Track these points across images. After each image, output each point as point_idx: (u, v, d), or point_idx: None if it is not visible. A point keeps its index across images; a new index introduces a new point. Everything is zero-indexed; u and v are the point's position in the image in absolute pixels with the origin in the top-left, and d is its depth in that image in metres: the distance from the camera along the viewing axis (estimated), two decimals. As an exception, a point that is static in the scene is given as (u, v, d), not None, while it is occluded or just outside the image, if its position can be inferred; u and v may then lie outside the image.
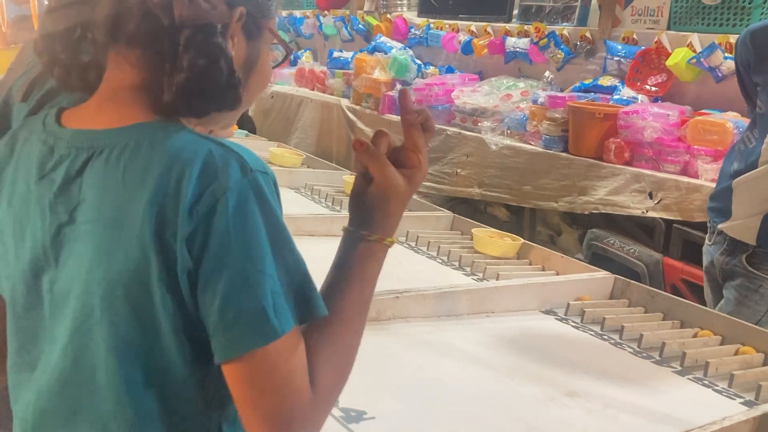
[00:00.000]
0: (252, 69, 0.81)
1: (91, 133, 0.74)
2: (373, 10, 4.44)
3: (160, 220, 0.67)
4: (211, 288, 0.67)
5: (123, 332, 0.70)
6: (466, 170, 3.25)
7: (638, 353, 1.58)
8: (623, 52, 2.99)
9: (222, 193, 0.67)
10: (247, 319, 0.67)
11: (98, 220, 0.71)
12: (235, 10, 0.75)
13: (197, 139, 0.70)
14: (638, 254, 2.62)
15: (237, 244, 0.67)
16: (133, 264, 0.68)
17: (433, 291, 1.64)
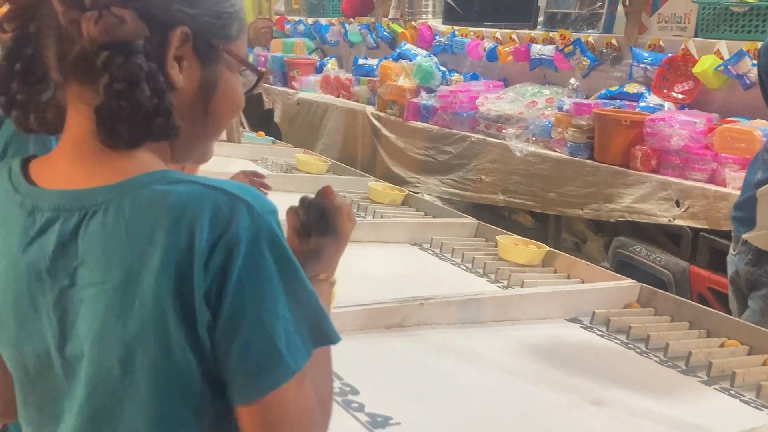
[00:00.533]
0: (212, 93, 0.76)
1: (77, 192, 0.71)
2: (398, 18, 4.46)
3: (177, 277, 0.66)
4: (228, 337, 0.68)
5: (144, 389, 0.70)
6: (491, 177, 3.25)
7: (664, 362, 1.57)
8: (649, 60, 2.98)
9: (234, 243, 0.66)
10: (265, 365, 0.68)
11: (106, 282, 0.68)
12: (174, 30, 0.71)
13: (201, 190, 0.68)
14: (665, 262, 2.60)
15: (251, 293, 0.67)
16: (151, 324, 0.67)
17: (458, 298, 1.65)
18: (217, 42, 0.75)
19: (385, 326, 1.56)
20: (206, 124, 0.78)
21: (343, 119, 4.26)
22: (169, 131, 0.72)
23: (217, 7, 0.75)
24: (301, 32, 5.37)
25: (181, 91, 0.73)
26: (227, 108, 0.79)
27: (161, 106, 0.70)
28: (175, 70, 0.71)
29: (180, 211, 0.67)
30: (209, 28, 0.74)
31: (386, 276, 1.98)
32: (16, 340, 0.76)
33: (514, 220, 3.49)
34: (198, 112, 0.76)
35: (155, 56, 0.70)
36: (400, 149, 3.76)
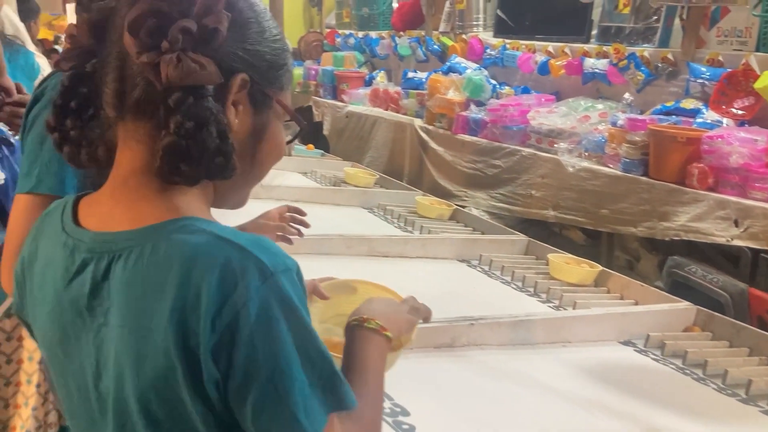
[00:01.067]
0: (260, 139, 0.79)
1: (108, 236, 0.73)
2: (449, 31, 4.45)
3: (183, 330, 0.67)
4: (242, 399, 0.67)
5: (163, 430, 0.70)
6: (541, 192, 3.20)
7: (723, 390, 1.52)
8: (708, 74, 2.90)
9: (243, 303, 0.66)
10: (279, 427, 0.67)
11: (125, 326, 0.70)
12: (235, 77, 0.73)
13: (214, 244, 0.69)
14: (722, 284, 2.51)
15: (263, 355, 0.66)
16: (162, 371, 0.68)
17: (509, 319, 1.63)
18: (270, 91, 0.78)
19: (435, 346, 1.54)
20: (251, 170, 0.80)
21: (391, 132, 4.26)
22: (228, 172, 0.73)
23: (272, 59, 0.78)
24: (352, 45, 5.41)
25: (234, 135, 0.74)
26: (272, 155, 0.81)
27: (223, 147, 0.71)
28: (232, 113, 0.74)
29: (190, 266, 0.67)
30: (264, 77, 0.77)
31: (435, 293, 1.97)
32: (62, 369, 0.79)
33: (565, 236, 3.43)
34: (246, 157, 0.78)
35: (219, 100, 0.72)
36: (447, 162, 3.74)
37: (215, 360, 0.66)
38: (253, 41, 0.76)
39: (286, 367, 0.67)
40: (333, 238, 2.16)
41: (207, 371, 0.67)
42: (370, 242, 2.22)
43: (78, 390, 0.77)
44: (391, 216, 2.72)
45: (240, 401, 0.67)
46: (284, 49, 0.80)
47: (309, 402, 0.68)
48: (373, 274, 2.10)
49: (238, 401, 0.68)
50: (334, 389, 0.71)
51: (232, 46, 0.73)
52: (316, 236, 2.13)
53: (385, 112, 4.42)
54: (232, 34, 0.73)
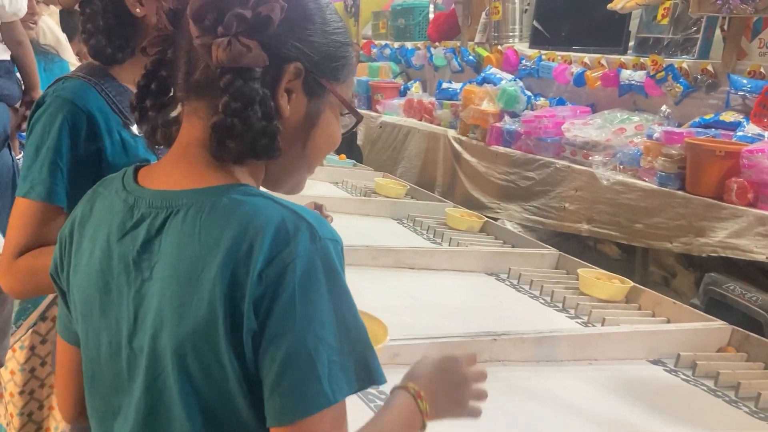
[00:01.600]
0: (312, 127, 0.82)
1: (169, 193, 0.77)
2: (484, 42, 4.43)
3: (232, 281, 0.69)
4: (272, 352, 0.69)
5: (195, 388, 0.72)
6: (575, 205, 3.15)
7: (755, 414, 1.47)
8: (749, 87, 2.82)
9: (291, 259, 0.69)
10: (302, 388, 0.69)
11: (173, 277, 0.73)
12: (289, 65, 0.77)
13: (271, 205, 0.73)
14: (761, 303, 2.43)
15: (300, 311, 0.69)
16: (203, 322, 0.70)
17: (533, 335, 1.59)
18: (326, 82, 0.81)
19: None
20: (303, 155, 0.83)
21: (424, 143, 4.25)
22: (272, 152, 0.77)
23: (329, 50, 0.81)
24: (387, 56, 5.42)
25: (286, 121, 0.78)
26: (324, 143, 0.84)
27: (269, 128, 0.76)
28: (284, 100, 0.78)
29: (248, 220, 0.71)
30: (320, 67, 0.80)
31: (460, 307, 1.94)
32: (97, 322, 0.80)
33: (599, 250, 3.36)
34: (297, 143, 0.82)
35: (269, 85, 0.76)
36: (480, 174, 3.71)
37: (256, 311, 0.69)
38: (310, 32, 0.79)
39: (320, 329, 0.69)
40: (359, 248, 2.15)
41: (247, 323, 0.69)
42: (396, 254, 2.21)
43: (110, 346, 0.79)
44: (420, 227, 2.70)
45: (269, 353, 0.69)
46: (344, 43, 0.83)
47: (335, 369, 0.70)
48: (398, 285, 2.09)
49: (267, 353, 0.69)
50: (365, 363, 0.72)
51: (288, 35, 0.77)
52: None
53: (419, 122, 4.41)
54: (289, 23, 0.77)
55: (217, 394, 0.72)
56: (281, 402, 0.69)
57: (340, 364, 0.70)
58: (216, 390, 0.72)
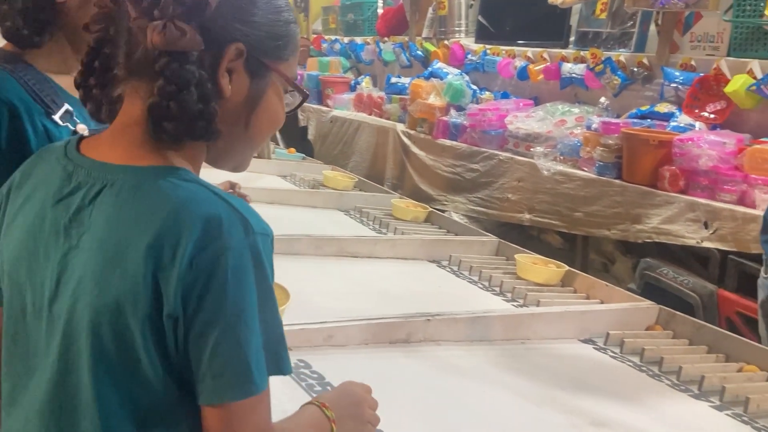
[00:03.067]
0: (255, 107, 0.83)
1: (109, 166, 0.79)
2: (431, 37, 4.49)
3: (157, 263, 0.72)
4: (203, 338, 0.72)
5: (106, 359, 0.75)
6: (517, 195, 3.23)
7: (676, 386, 1.54)
8: (681, 79, 2.93)
9: (224, 250, 0.71)
10: (233, 372, 0.72)
11: (99, 249, 0.75)
12: (230, 46, 0.78)
13: (207, 194, 0.75)
14: (692, 285, 2.53)
15: (232, 301, 0.71)
16: (123, 296, 0.73)
17: (466, 315, 1.64)
18: (268, 61, 0.82)
19: (390, 341, 1.55)
20: (246, 134, 0.84)
21: (374, 137, 4.28)
22: (210, 134, 0.78)
23: (271, 29, 0.82)
24: (338, 51, 5.44)
25: (228, 100, 0.80)
26: (267, 122, 0.85)
27: (206, 111, 0.77)
28: (225, 80, 0.79)
29: (182, 206, 0.73)
30: (262, 47, 0.81)
31: (400, 292, 1.98)
32: (23, 282, 0.81)
33: (542, 239, 3.45)
34: (240, 122, 0.83)
35: (210, 66, 0.77)
36: (428, 167, 3.76)
37: (184, 296, 0.71)
38: (250, 13, 0.80)
39: (249, 319, 0.72)
40: (302, 238, 2.17)
41: (168, 305, 0.72)
42: (339, 243, 2.24)
43: (32, 307, 0.80)
44: (367, 218, 2.73)
45: (200, 342, 0.72)
46: (287, 21, 0.84)
47: (259, 357, 0.73)
48: (340, 273, 2.12)
49: (198, 342, 0.72)
50: (280, 353, 0.76)
51: (228, 17, 0.78)
52: (284, 237, 2.14)
53: (369, 116, 4.45)
54: (228, 5, 0.78)
55: (127, 367, 0.74)
56: (212, 384, 0.73)
57: (262, 352, 0.74)
58: (127, 363, 0.74)
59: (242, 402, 0.73)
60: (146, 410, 0.76)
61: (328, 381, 1.33)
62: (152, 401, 0.76)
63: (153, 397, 0.75)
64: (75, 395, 0.77)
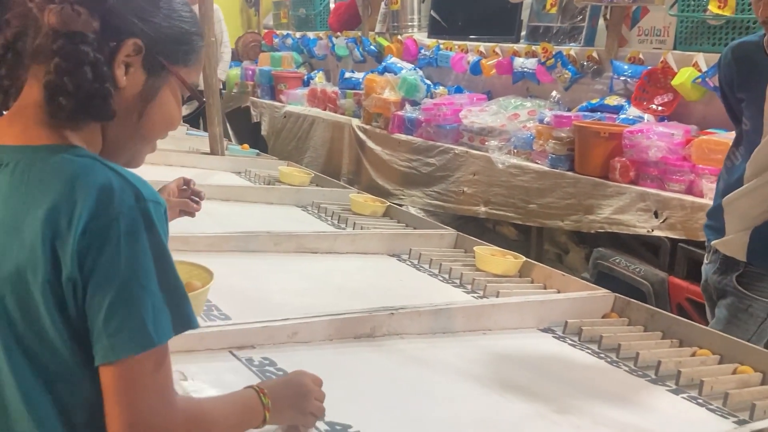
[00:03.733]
0: (148, 103, 0.88)
1: (3, 147, 0.83)
2: (384, 32, 4.50)
3: (54, 232, 0.76)
4: (99, 299, 0.76)
5: (13, 329, 0.79)
6: (473, 188, 3.26)
7: (634, 372, 1.57)
8: (629, 72, 3.01)
9: (115, 216, 0.76)
10: (128, 329, 0.76)
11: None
12: (127, 40, 0.83)
13: (99, 166, 0.80)
14: (644, 273, 2.61)
15: (125, 262, 0.76)
16: (23, 265, 0.77)
17: (429, 308, 1.65)
18: (167, 62, 0.88)
19: (354, 336, 1.56)
20: (138, 127, 0.89)
21: (329, 132, 4.28)
22: (105, 113, 0.83)
23: (172, 33, 0.88)
24: (289, 46, 5.40)
25: (122, 91, 0.84)
26: (160, 120, 0.90)
27: (100, 89, 0.81)
28: (121, 71, 0.84)
29: (75, 178, 0.78)
30: (161, 47, 0.87)
31: (361, 287, 1.98)
32: None
33: (498, 232, 3.50)
34: (133, 115, 0.88)
35: (107, 54, 0.82)
36: (384, 162, 3.77)
37: (80, 261, 0.76)
38: (151, 13, 0.86)
39: (144, 278, 0.77)
40: (260, 235, 2.15)
41: (66, 270, 0.76)
42: (298, 239, 2.22)
43: None
44: (325, 214, 2.72)
45: (96, 300, 0.76)
46: (190, 32, 0.90)
47: (160, 315, 0.77)
48: (300, 269, 2.11)
49: (93, 304, 0.76)
50: (182, 310, 0.80)
51: (128, 12, 0.83)
52: (242, 233, 2.12)
53: (323, 112, 4.43)
54: (128, 1, 0.84)
55: (35, 335, 0.79)
56: (108, 342, 0.76)
57: (162, 311, 0.78)
58: (34, 331, 0.79)
59: (138, 357, 0.76)
60: (55, 375, 0.80)
61: (295, 377, 1.32)
62: (60, 366, 0.80)
63: (60, 362, 0.79)
64: None
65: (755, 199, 1.84)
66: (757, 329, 1.88)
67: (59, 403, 0.80)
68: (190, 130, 4.23)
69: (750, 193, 1.85)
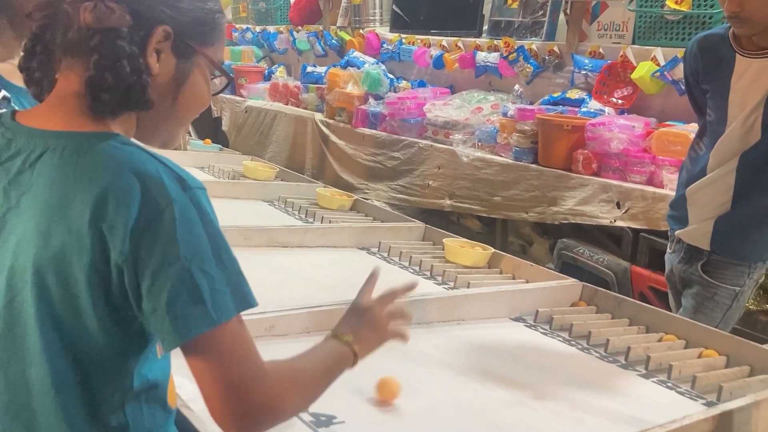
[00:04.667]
0: (181, 86, 0.90)
1: (48, 132, 0.84)
2: (346, 26, 4.48)
3: (102, 218, 0.77)
4: (159, 284, 0.77)
5: (51, 309, 0.80)
6: (438, 182, 3.28)
7: (605, 358, 1.61)
8: (590, 66, 3.06)
9: (167, 203, 0.78)
10: (191, 312, 0.77)
11: (42, 204, 0.81)
12: (157, 27, 0.85)
13: (147, 155, 0.82)
14: (607, 263, 2.66)
15: (183, 247, 0.77)
16: (68, 247, 0.78)
17: (404, 299, 1.66)
18: (194, 44, 0.89)
19: (331, 328, 1.56)
20: (173, 111, 0.91)
21: (291, 127, 4.25)
22: (144, 104, 0.85)
23: (198, 15, 0.89)
24: (249, 40, 5.35)
25: (155, 78, 0.86)
26: (193, 102, 0.92)
27: (138, 81, 0.84)
28: (153, 59, 0.86)
29: (124, 164, 0.79)
30: (188, 31, 0.88)
31: (333, 280, 1.99)
32: None
33: (462, 224, 3.53)
34: (167, 99, 0.90)
35: (139, 45, 0.84)
36: (348, 156, 3.77)
37: (134, 249, 0.77)
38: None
39: (200, 262, 0.78)
40: (230, 229, 2.13)
41: (115, 255, 0.77)
42: (269, 233, 2.22)
43: None
44: (292, 208, 2.72)
45: (157, 285, 0.77)
46: (213, 10, 0.91)
47: (218, 296, 0.78)
48: (272, 263, 2.10)
49: (154, 285, 0.77)
50: (241, 290, 0.81)
51: (156, 1, 0.85)
52: (212, 228, 2.10)
53: (286, 106, 4.41)
54: None
55: (73, 317, 0.80)
56: (174, 324, 0.77)
57: (221, 291, 0.79)
58: (72, 314, 0.80)
59: (208, 334, 0.77)
60: (88, 360, 0.81)
61: (275, 370, 1.32)
62: (93, 352, 0.81)
63: (94, 347, 0.81)
64: (22, 345, 0.82)
65: (718, 188, 1.90)
66: (723, 316, 1.94)
67: (87, 388, 0.82)
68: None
69: (713, 183, 1.91)
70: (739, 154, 1.86)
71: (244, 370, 0.79)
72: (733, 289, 1.93)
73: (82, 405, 0.82)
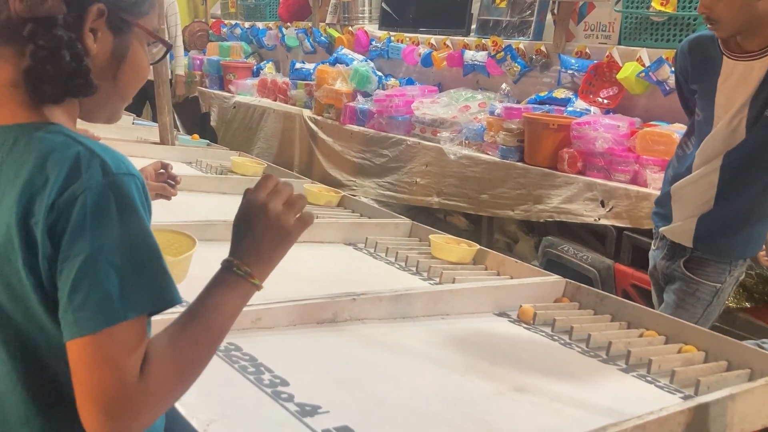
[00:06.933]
0: (121, 62, 0.88)
1: None
2: (335, 23, 4.50)
3: (27, 211, 0.77)
4: (65, 273, 0.75)
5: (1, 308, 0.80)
6: (425, 179, 3.31)
7: (586, 352, 1.64)
8: (576, 66, 3.09)
9: (82, 190, 0.76)
10: (92, 304, 0.74)
11: None
12: (91, 7, 0.82)
13: (68, 143, 0.79)
14: (591, 261, 2.70)
15: (90, 237, 0.75)
16: (3, 247, 0.78)
17: (389, 293, 1.68)
18: (129, 17, 0.87)
19: (317, 321, 1.58)
20: (114, 88, 0.89)
21: (280, 123, 4.26)
22: (88, 90, 0.83)
23: None
24: (238, 36, 5.35)
25: (94, 58, 0.84)
26: (133, 75, 0.90)
27: (80, 68, 0.81)
28: (90, 39, 0.83)
29: (46, 156, 0.78)
30: (122, 5, 0.86)
31: (320, 274, 2.00)
32: None
33: (449, 222, 3.55)
34: (108, 77, 0.87)
35: (74, 27, 0.81)
36: (336, 153, 3.78)
37: (51, 237, 0.76)
38: None
39: (110, 253, 0.75)
40: (216, 224, 2.14)
41: (42, 249, 0.76)
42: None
43: None
44: (279, 204, 2.72)
45: (63, 276, 0.76)
46: None
47: (129, 290, 0.76)
48: (258, 258, 2.11)
49: (61, 276, 0.76)
50: (158, 285, 0.78)
51: None
52: (199, 222, 2.11)
53: (274, 102, 4.41)
54: None
55: (21, 311, 0.79)
56: (73, 317, 0.75)
57: (132, 286, 0.76)
58: (20, 308, 0.79)
59: (105, 331, 0.74)
60: (46, 351, 0.80)
61: (261, 362, 1.34)
62: (50, 343, 0.80)
63: (49, 338, 0.79)
64: None
65: (702, 187, 1.93)
66: (704, 312, 1.97)
67: (52, 378, 0.81)
68: (137, 120, 4.16)
69: (697, 181, 1.94)
70: (723, 153, 1.89)
71: (118, 380, 0.74)
72: (715, 285, 1.96)
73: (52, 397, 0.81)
